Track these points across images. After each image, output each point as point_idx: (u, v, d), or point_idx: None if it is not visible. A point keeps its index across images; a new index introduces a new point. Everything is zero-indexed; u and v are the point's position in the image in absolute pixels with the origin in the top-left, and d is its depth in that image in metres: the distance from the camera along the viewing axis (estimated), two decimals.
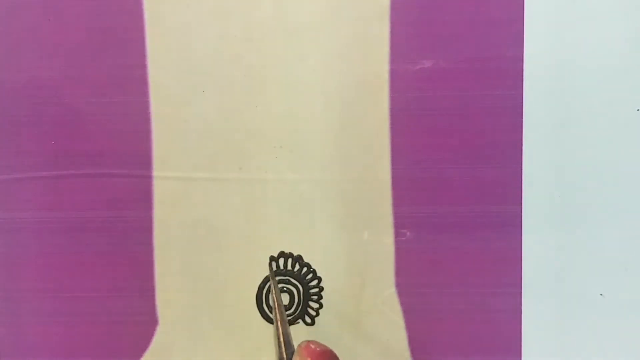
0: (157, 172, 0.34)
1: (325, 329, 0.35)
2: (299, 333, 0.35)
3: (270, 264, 0.34)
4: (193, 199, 0.34)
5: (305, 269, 0.35)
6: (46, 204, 0.34)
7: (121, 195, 0.34)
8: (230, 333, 0.35)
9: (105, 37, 0.34)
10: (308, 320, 0.35)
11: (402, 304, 0.35)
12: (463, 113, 0.33)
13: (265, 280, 0.35)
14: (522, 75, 0.33)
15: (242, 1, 0.33)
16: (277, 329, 0.30)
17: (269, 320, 0.35)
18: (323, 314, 0.35)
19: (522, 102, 0.33)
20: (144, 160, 0.34)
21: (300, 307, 0.35)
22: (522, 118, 0.33)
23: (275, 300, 0.32)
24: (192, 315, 0.35)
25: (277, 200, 0.34)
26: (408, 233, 0.34)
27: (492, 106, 0.33)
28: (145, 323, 0.35)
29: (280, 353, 0.29)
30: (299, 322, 0.35)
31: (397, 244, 0.34)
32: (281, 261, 0.35)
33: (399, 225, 0.34)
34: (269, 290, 0.35)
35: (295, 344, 0.29)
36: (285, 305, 0.35)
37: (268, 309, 0.35)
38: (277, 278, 0.35)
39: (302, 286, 0.35)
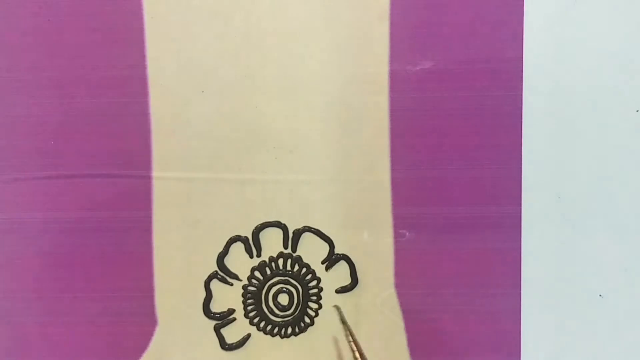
0: (157, 172, 0.34)
1: (325, 329, 0.35)
2: (298, 334, 0.35)
3: (339, 311, 0.34)
4: (193, 199, 0.34)
5: (304, 270, 0.35)
6: (46, 204, 0.34)
7: (121, 196, 0.34)
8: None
9: (105, 37, 0.34)
10: (308, 320, 0.35)
11: (402, 304, 0.35)
12: (463, 113, 0.33)
13: (264, 281, 0.35)
14: (522, 76, 0.33)
15: (242, 1, 0.33)
16: None
17: (269, 320, 0.35)
18: (323, 314, 0.35)
19: (521, 102, 0.33)
20: (144, 160, 0.34)
21: (299, 307, 0.35)
22: (521, 118, 0.33)
23: (353, 346, 0.32)
24: (192, 315, 0.35)
25: (277, 200, 0.34)
26: (408, 233, 0.34)
27: (491, 106, 0.33)
28: (144, 323, 0.35)
29: None
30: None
31: (397, 244, 0.34)
32: (281, 261, 0.35)
33: (399, 225, 0.34)
34: (268, 290, 0.35)
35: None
36: (284, 306, 0.35)
37: (268, 309, 0.35)
38: (277, 278, 0.35)
39: (301, 286, 0.35)
